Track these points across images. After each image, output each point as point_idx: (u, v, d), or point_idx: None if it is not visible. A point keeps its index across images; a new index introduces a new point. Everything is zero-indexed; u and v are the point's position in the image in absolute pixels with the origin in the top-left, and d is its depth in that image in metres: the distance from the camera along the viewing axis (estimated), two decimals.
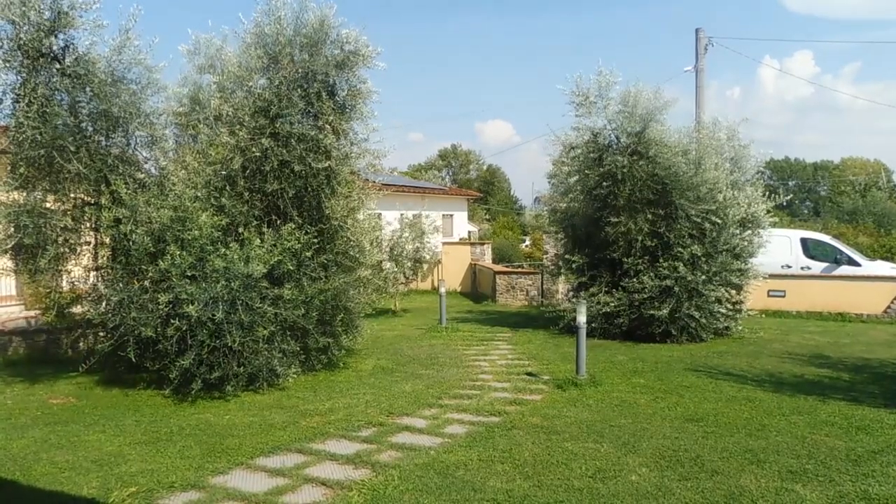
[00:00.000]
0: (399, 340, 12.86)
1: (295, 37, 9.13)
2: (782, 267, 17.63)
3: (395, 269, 16.56)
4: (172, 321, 7.90)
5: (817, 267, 17.90)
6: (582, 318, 9.03)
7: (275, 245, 8.48)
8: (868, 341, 12.54)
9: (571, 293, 14.29)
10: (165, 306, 7.91)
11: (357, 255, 10.07)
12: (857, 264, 17.72)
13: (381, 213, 16.25)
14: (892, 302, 15.87)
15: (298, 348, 8.96)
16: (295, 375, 8.92)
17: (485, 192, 62.73)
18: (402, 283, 17.23)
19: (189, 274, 8.01)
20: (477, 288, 23.49)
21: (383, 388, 8.70)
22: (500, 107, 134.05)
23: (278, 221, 9.08)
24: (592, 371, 9.18)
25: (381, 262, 14.52)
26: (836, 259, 17.93)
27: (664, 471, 5.56)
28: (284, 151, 8.83)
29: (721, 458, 5.84)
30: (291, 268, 8.64)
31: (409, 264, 17.32)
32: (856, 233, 30.24)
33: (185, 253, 7.96)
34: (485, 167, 78.20)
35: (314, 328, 9.02)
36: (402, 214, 18.96)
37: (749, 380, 9.05)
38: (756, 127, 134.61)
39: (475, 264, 24.29)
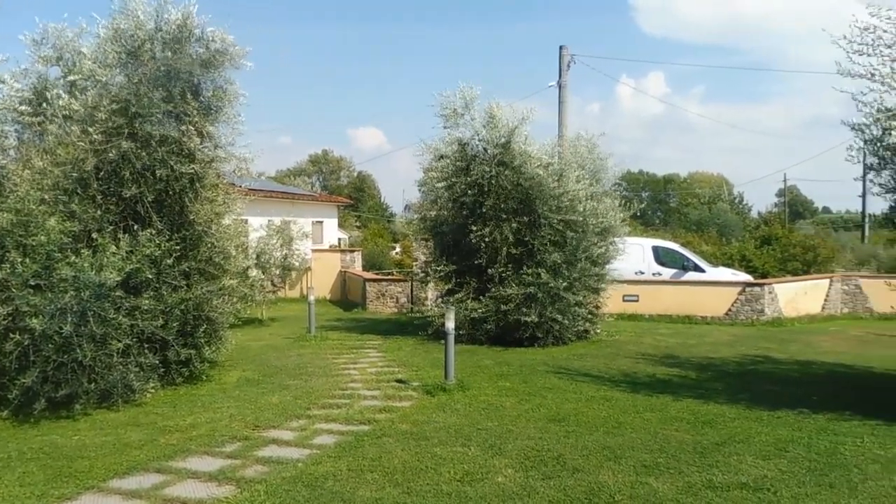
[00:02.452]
0: (266, 351, 12.51)
1: (156, 32, 8.69)
2: (636, 273, 18.72)
3: (263, 277, 16.10)
4: (12, 335, 7.25)
5: (667, 273, 19.17)
6: (450, 324, 9.18)
7: (132, 252, 7.99)
8: (712, 341, 13.57)
9: (440, 300, 14.48)
10: (3, 319, 7.26)
11: (222, 262, 9.71)
12: (702, 270, 19.16)
13: (247, 219, 15.77)
14: (732, 305, 17.27)
15: (157, 361, 8.47)
16: (153, 390, 8.46)
17: (356, 198, 62.34)
18: (269, 291, 16.78)
19: (33, 283, 7.39)
20: (347, 295, 23.29)
21: (249, 401, 8.42)
22: (373, 114, 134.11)
23: (136, 227, 8.56)
24: (461, 376, 9.34)
25: (247, 269, 14.07)
26: (684, 266, 19.30)
27: (529, 471, 5.74)
28: (144, 154, 8.36)
29: (582, 456, 6.11)
30: (150, 276, 8.19)
31: (277, 272, 16.94)
32: (701, 241, 32.66)
33: (28, 260, 7.35)
34: (356, 174, 77.79)
35: (175, 340, 8.58)
36: (269, 220, 18.48)
37: (607, 380, 9.54)
38: (614, 141, 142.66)
39: (345, 272, 24.08)
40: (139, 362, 8.13)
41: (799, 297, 18.11)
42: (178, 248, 8.59)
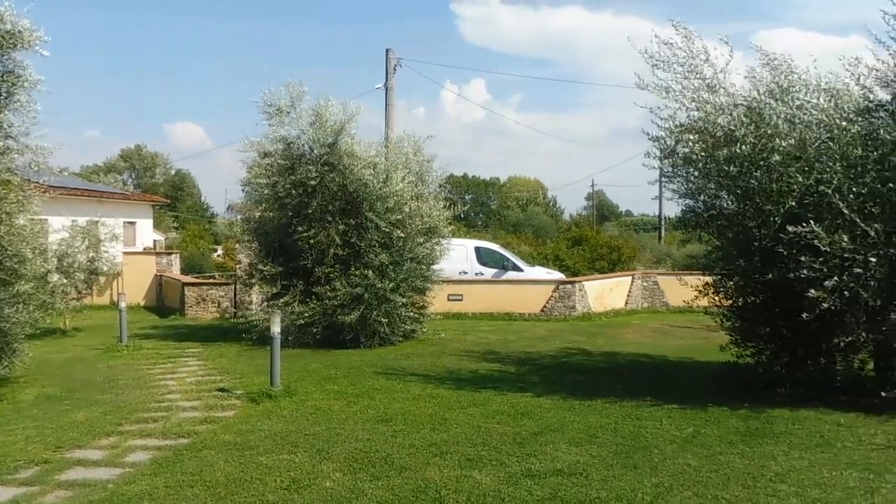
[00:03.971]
0: (71, 363, 11.46)
1: None
2: (460, 273, 19.27)
3: (66, 283, 14.69)
4: None
5: (489, 272, 19.96)
6: (276, 329, 8.94)
7: None
8: (530, 337, 14.32)
9: (265, 303, 14.06)
10: None
11: (16, 266, 8.75)
12: (520, 270, 20.17)
13: (47, 219, 14.33)
14: (547, 302, 18.33)
15: None
16: None
17: (173, 198, 58.76)
18: (73, 298, 15.33)
19: None
20: (164, 301, 21.91)
21: (50, 420, 7.66)
22: (192, 109, 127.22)
23: None
24: (287, 381, 9.12)
25: (46, 274, 12.77)
26: (504, 265, 20.21)
27: (357, 473, 5.73)
28: None
29: (409, 455, 6.20)
30: None
31: (82, 277, 15.52)
32: (519, 242, 34.36)
33: None
34: (173, 172, 73.32)
35: None
36: (74, 221, 16.89)
37: (433, 378, 9.76)
38: (439, 145, 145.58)
39: (161, 276, 22.65)
40: None
41: (606, 293, 19.62)
42: None
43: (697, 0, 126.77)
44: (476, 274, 19.81)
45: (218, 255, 34.10)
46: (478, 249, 20.74)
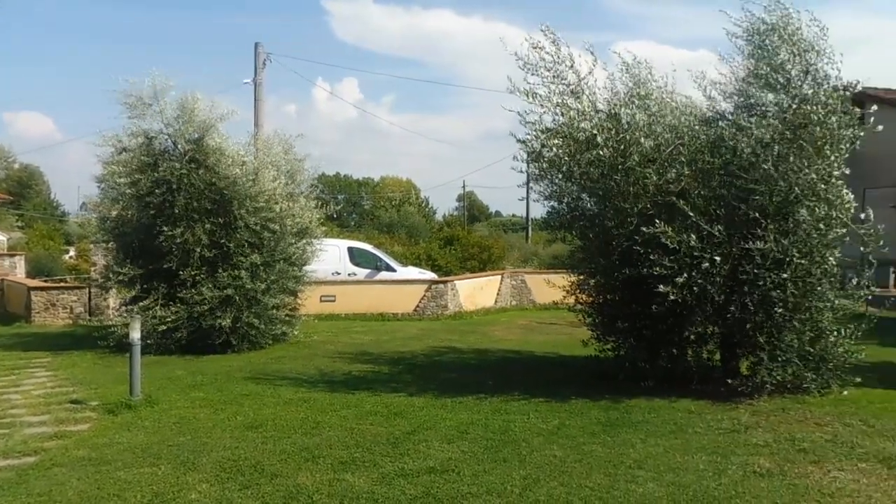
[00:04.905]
0: None
1: None
2: (333, 274, 19.08)
3: None
4: None
5: (362, 273, 19.87)
6: (136, 334, 8.44)
7: None
8: (403, 337, 14.38)
9: (124, 308, 13.25)
10: None
11: None
12: (393, 270, 20.23)
13: None
14: (420, 301, 18.49)
15: None
16: None
17: (18, 194, 54.17)
18: None
19: None
20: (6, 307, 20.15)
21: None
22: (39, 97, 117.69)
23: None
24: (149, 390, 8.64)
25: None
26: (377, 266, 20.19)
27: (225, 483, 5.53)
28: None
29: (280, 461, 6.06)
30: None
31: None
32: (392, 242, 34.42)
33: None
34: (16, 166, 67.48)
35: None
36: None
37: (305, 381, 9.58)
38: (311, 143, 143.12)
39: (3, 279, 20.84)
40: None
41: (476, 292, 20.05)
42: None
43: (562, 10, 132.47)
44: (349, 274, 19.67)
45: (70, 257, 31.82)
46: (351, 250, 20.61)
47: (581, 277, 9.75)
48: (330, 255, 18.24)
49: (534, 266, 26.97)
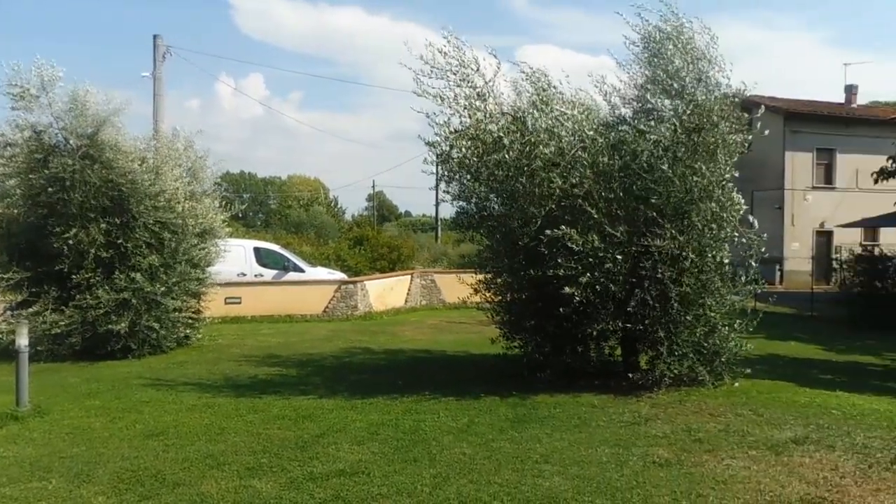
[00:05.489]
0: None
1: None
2: (238, 275, 18.58)
3: None
4: None
5: (269, 274, 19.44)
6: (22, 341, 7.95)
7: None
8: (312, 338, 14.18)
9: (10, 313, 12.44)
10: None
11: None
12: (301, 270, 19.89)
13: None
14: (329, 302, 18.28)
15: None
16: None
17: None
18: None
19: None
20: None
21: None
22: None
23: None
24: (38, 400, 8.15)
25: None
26: (285, 266, 19.80)
27: (123, 494, 5.29)
28: None
29: (183, 469, 5.85)
30: None
31: None
32: (301, 242, 33.81)
33: None
34: None
35: None
36: None
37: (209, 386, 9.29)
38: (215, 140, 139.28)
39: None
40: None
41: (387, 292, 20.01)
42: None
43: (470, 12, 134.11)
44: (256, 275, 19.21)
45: None
46: (257, 250, 20.12)
47: (489, 276, 9.91)
48: (235, 256, 17.74)
49: (444, 266, 27.17)
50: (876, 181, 14.34)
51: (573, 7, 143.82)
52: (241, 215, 19.32)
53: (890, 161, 13.89)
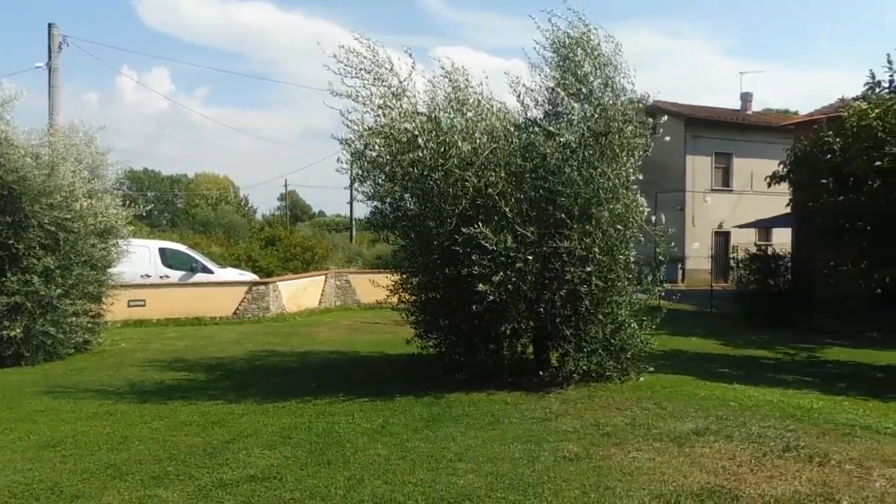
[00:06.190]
0: None
1: None
2: (142, 276, 17.88)
3: None
4: None
5: (175, 275, 18.77)
6: None
7: None
8: (221, 341, 13.78)
9: None
10: None
11: None
12: (210, 272, 19.29)
13: None
14: (240, 304, 17.82)
15: None
16: None
17: None
18: None
19: None
20: None
21: None
22: None
23: None
24: None
25: None
26: (193, 267, 19.16)
27: None
28: None
29: (82, 481, 5.56)
30: None
31: None
32: (210, 242, 32.85)
33: None
34: None
35: None
36: None
37: (111, 393, 8.88)
38: (116, 135, 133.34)
39: None
40: None
41: (300, 293, 19.69)
42: None
43: (384, 11, 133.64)
44: (161, 277, 18.51)
45: None
46: (163, 251, 19.39)
47: (404, 276, 9.90)
48: (139, 257, 17.03)
49: (358, 266, 26.99)
50: (769, 184, 15.18)
51: (488, 9, 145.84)
52: (145, 214, 18.54)
53: (781, 166, 14.73)
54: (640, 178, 8.90)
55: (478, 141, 8.57)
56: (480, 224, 8.07)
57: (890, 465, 5.56)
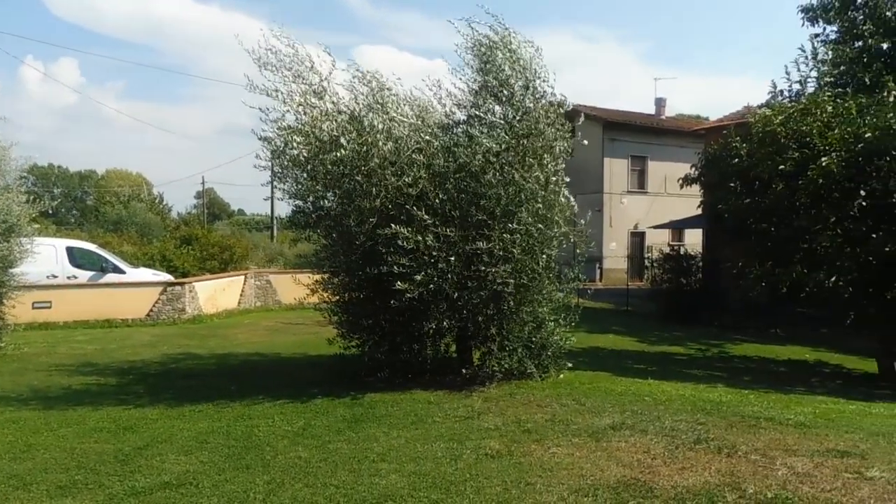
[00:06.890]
0: None
1: None
2: (48, 277, 17.05)
3: None
4: None
5: (84, 276, 17.97)
6: None
7: None
8: (134, 344, 13.28)
9: None
10: None
11: None
12: (122, 272, 18.55)
13: None
14: (154, 305, 17.20)
15: None
16: None
17: None
18: None
19: None
20: None
21: None
22: None
23: None
24: None
25: None
26: (103, 267, 18.38)
27: None
28: None
29: None
30: None
31: None
32: (122, 241, 31.62)
33: None
34: None
35: None
36: None
37: (14, 399, 8.43)
38: (18, 129, 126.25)
39: None
40: None
41: (218, 293, 19.17)
42: None
43: (304, 6, 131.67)
44: (69, 277, 17.68)
45: None
46: (70, 250, 18.52)
47: (326, 276, 9.79)
48: (45, 256, 16.21)
49: (279, 266, 26.52)
50: (681, 187, 15.79)
51: (411, 9, 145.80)
52: (51, 211, 17.65)
53: (693, 168, 15.34)
54: (567, 180, 9.08)
55: (399, 141, 8.55)
56: (401, 224, 8.05)
57: (791, 455, 5.86)
